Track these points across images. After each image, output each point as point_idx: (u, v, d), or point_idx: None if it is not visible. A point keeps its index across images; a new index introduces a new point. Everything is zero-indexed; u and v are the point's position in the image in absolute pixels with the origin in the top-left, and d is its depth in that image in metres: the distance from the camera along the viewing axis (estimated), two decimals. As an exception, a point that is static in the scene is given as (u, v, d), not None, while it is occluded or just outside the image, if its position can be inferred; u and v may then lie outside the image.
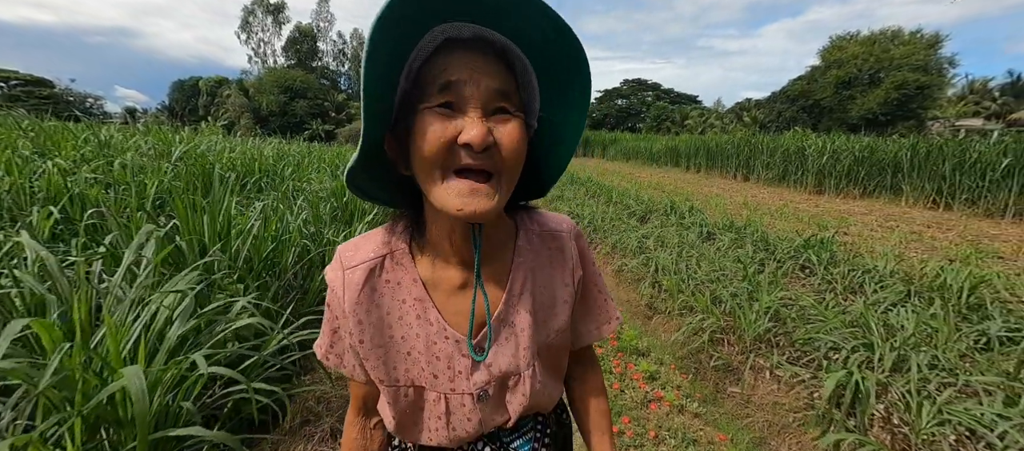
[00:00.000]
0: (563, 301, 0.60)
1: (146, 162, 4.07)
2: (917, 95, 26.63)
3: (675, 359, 2.44)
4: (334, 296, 0.54)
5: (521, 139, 0.44)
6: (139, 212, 2.36)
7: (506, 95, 0.44)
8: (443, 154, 0.42)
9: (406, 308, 0.54)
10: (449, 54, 0.43)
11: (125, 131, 6.12)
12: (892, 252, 4.33)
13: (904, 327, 2.39)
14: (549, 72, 0.48)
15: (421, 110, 0.43)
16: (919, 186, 8.51)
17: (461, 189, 0.42)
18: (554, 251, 0.60)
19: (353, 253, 0.55)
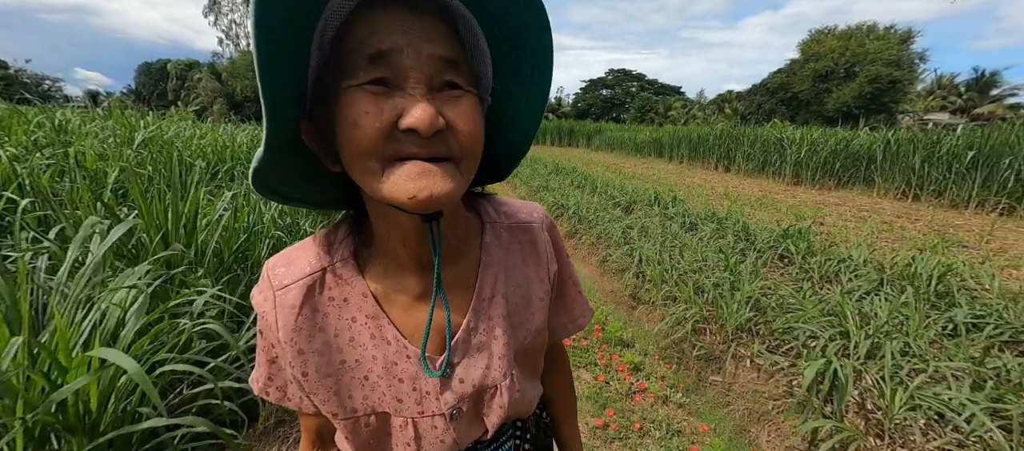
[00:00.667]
0: (539, 299, 0.53)
1: (107, 149, 3.83)
2: (889, 89, 27.59)
3: (659, 349, 2.45)
4: (265, 323, 0.45)
5: (478, 118, 0.37)
6: (98, 203, 2.21)
7: (454, 64, 0.35)
8: (380, 143, 0.33)
9: (357, 327, 0.45)
10: (374, 13, 0.33)
11: (84, 115, 5.75)
12: (865, 242, 4.47)
13: (877, 315, 2.46)
14: (503, 36, 0.39)
15: (345, 89, 0.33)
16: (890, 178, 8.83)
17: (410, 171, 0.33)
18: (526, 245, 0.53)
19: (285, 269, 0.45)
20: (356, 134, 0.33)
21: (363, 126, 0.32)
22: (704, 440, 1.79)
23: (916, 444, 1.68)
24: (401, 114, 0.32)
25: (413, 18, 0.34)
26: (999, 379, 1.87)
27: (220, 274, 1.99)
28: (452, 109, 0.35)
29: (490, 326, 0.49)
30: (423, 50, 0.33)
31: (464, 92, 0.36)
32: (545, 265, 0.54)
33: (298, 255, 0.46)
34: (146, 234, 1.71)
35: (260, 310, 0.46)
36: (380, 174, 0.34)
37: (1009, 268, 3.98)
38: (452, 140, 0.35)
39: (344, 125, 0.33)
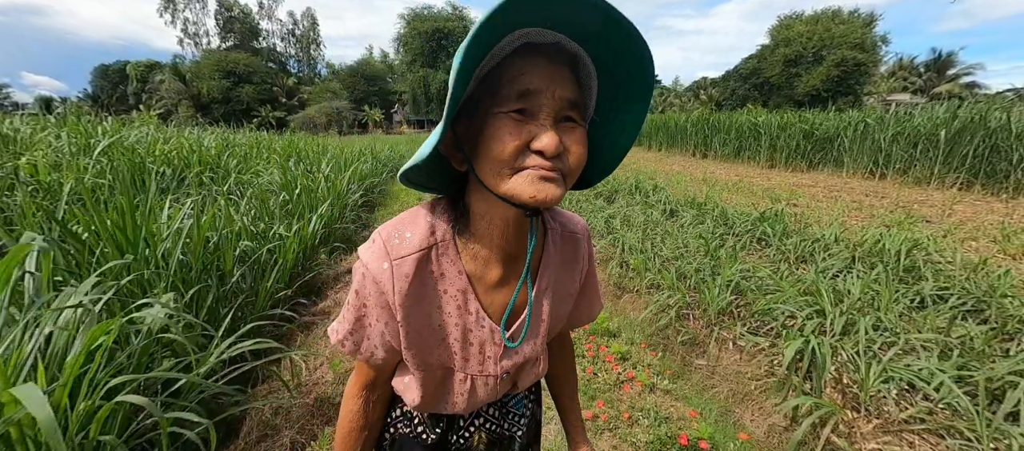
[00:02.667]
0: (570, 295, 0.66)
1: (61, 159, 3.60)
2: (855, 72, 28.57)
3: (645, 337, 2.48)
4: (375, 286, 0.53)
5: (585, 146, 0.47)
6: (50, 219, 2.06)
7: (575, 105, 0.46)
8: (514, 157, 0.44)
9: (447, 299, 0.55)
10: (528, 61, 0.44)
11: (36, 124, 5.39)
12: (837, 221, 4.63)
13: (850, 292, 2.54)
14: (613, 75, 0.49)
15: (495, 113, 0.44)
16: (858, 158, 9.16)
17: (533, 176, 0.43)
18: (570, 251, 0.64)
19: (400, 242, 0.54)
20: (499, 148, 0.44)
21: (506, 143, 0.43)
22: (691, 425, 1.81)
23: (890, 414, 1.74)
24: (533, 138, 0.43)
25: (552, 66, 0.45)
26: (964, 347, 1.95)
27: (189, 285, 1.89)
28: (568, 138, 0.46)
29: (541, 312, 0.61)
30: (556, 93, 0.44)
31: (577, 125, 0.47)
32: (580, 269, 0.66)
33: (409, 229, 0.55)
34: (97, 248, 1.60)
35: (374, 276, 0.53)
36: (508, 178, 0.44)
37: (969, 240, 4.19)
38: (565, 160, 0.45)
39: (490, 140, 0.44)
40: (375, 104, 48.74)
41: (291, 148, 7.53)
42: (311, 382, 1.94)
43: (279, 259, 2.58)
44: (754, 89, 32.98)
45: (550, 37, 0.45)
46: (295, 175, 4.56)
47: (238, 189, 4.07)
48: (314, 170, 5.66)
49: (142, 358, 1.26)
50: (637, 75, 0.47)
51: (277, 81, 47.73)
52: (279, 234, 2.82)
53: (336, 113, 42.41)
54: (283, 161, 5.56)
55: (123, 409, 1.12)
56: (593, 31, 0.44)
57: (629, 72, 0.47)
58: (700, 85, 42.52)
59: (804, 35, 30.37)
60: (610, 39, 0.44)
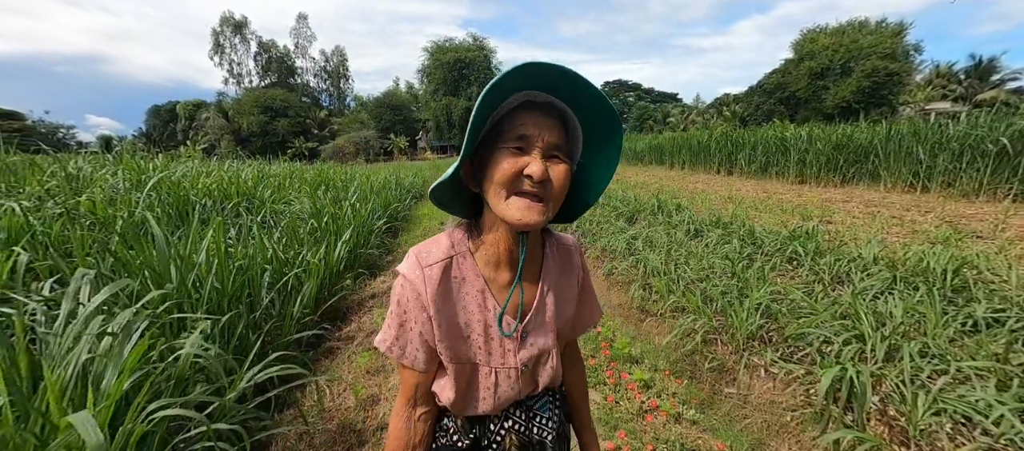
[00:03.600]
0: (570, 299, 0.78)
1: (116, 195, 3.92)
2: (887, 82, 27.47)
3: (669, 363, 2.39)
4: (413, 290, 0.67)
5: (567, 177, 0.62)
6: (105, 252, 2.24)
7: (559, 147, 0.62)
8: (512, 180, 0.59)
9: (469, 299, 0.68)
10: (525, 113, 0.60)
11: (96, 162, 5.91)
12: (875, 238, 4.38)
13: (892, 315, 2.39)
14: (592, 132, 0.66)
15: (499, 148, 0.60)
16: (896, 170, 8.71)
17: (520, 204, 0.59)
18: (566, 260, 0.79)
19: (427, 254, 0.68)
20: (499, 173, 0.59)
21: (504, 168, 0.59)
22: (721, 458, 1.72)
23: (944, 450, 1.60)
24: (525, 166, 0.59)
25: (544, 118, 0.61)
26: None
27: (223, 311, 1.99)
28: (553, 169, 0.60)
29: (547, 310, 0.73)
30: (545, 138, 0.60)
31: (562, 161, 0.62)
32: (576, 276, 0.80)
33: (435, 246, 0.69)
34: (141, 280, 1.72)
35: (411, 281, 0.67)
36: (505, 199, 0.60)
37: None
38: (549, 188, 0.60)
39: (494, 167, 0.60)
40: (400, 132, 50.59)
41: (320, 177, 7.89)
42: (334, 408, 1.98)
43: (306, 284, 2.69)
44: (780, 103, 32.19)
45: (544, 97, 0.62)
46: (323, 204, 4.76)
47: (271, 217, 4.29)
48: (341, 199, 5.90)
49: (178, 383, 1.33)
50: (606, 128, 0.64)
51: (310, 114, 50.48)
52: (307, 260, 2.94)
53: (363, 142, 44.28)
54: (313, 190, 5.82)
55: (160, 430, 1.18)
56: (571, 95, 0.61)
57: (601, 125, 0.64)
58: (723, 101, 41.92)
59: (829, 48, 29.64)
60: (583, 101, 0.61)
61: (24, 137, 28.48)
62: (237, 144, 43.24)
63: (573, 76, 0.57)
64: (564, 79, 0.57)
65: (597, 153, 0.68)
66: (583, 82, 0.57)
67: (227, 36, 55.65)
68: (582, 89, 0.59)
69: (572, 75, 0.56)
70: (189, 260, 1.92)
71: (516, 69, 0.54)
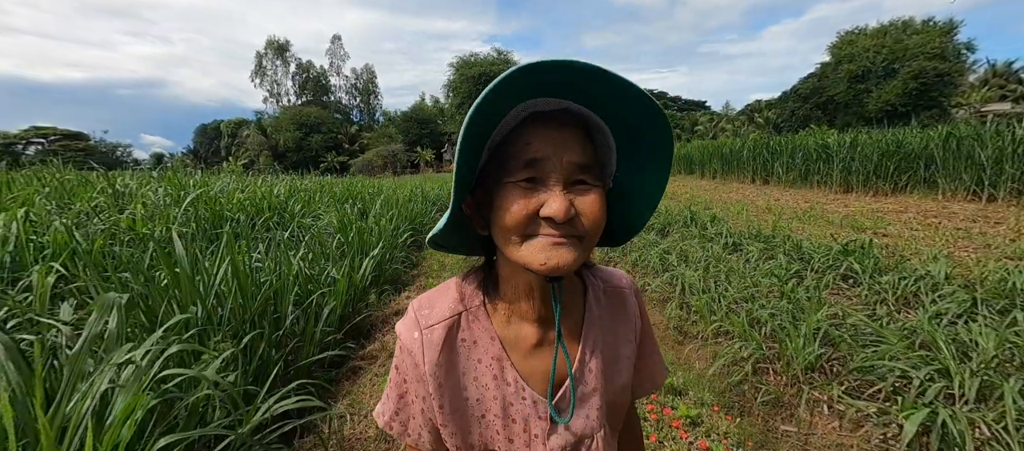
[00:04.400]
0: (626, 358, 0.59)
1: (156, 211, 4.07)
2: (937, 83, 25.75)
3: (716, 395, 2.16)
4: (410, 358, 0.53)
5: (602, 208, 0.45)
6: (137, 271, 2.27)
7: (586, 168, 0.45)
8: (523, 225, 0.43)
9: (482, 368, 0.53)
10: (533, 129, 0.45)
11: (141, 179, 6.24)
12: (941, 253, 3.96)
13: (979, 345, 2.08)
14: (629, 137, 0.49)
15: (504, 183, 0.44)
16: (956, 177, 8.00)
17: (543, 243, 0.43)
18: (618, 307, 0.60)
19: (429, 311, 0.54)
20: (509, 217, 0.43)
21: (514, 212, 0.43)
22: (785, 512, 1.49)
23: (1071, 519, 1.32)
24: (542, 204, 0.43)
25: (560, 132, 0.45)
26: None
27: (245, 331, 1.96)
28: (581, 200, 0.44)
29: (590, 379, 0.55)
30: (563, 158, 0.44)
31: (591, 186, 0.45)
32: (633, 325, 0.60)
33: (440, 298, 0.55)
34: (167, 303, 1.71)
35: (407, 348, 0.53)
36: (520, 245, 0.44)
37: None
38: (579, 223, 0.44)
39: (500, 210, 0.44)
40: (426, 145, 51.73)
41: (348, 191, 8.04)
42: (354, 437, 1.88)
43: (331, 302, 2.64)
44: (816, 108, 30.76)
45: (556, 104, 0.46)
46: (351, 219, 4.79)
47: (299, 231, 4.34)
48: (368, 212, 5.95)
49: (194, 413, 1.27)
50: (647, 128, 0.46)
51: (341, 130, 52.53)
52: (332, 277, 2.91)
53: (391, 155, 45.53)
54: (340, 204, 5.91)
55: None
56: (593, 95, 0.45)
57: (639, 125, 0.47)
58: (754, 108, 40.50)
59: (871, 49, 28.17)
60: (609, 100, 0.45)
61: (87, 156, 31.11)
62: (274, 159, 45.45)
63: (592, 70, 0.40)
64: (581, 77, 0.41)
65: (641, 161, 0.51)
66: (607, 75, 0.41)
67: (270, 58, 59.16)
68: (607, 84, 0.42)
69: (591, 69, 0.40)
70: (215, 280, 1.90)
71: (512, 75, 0.38)
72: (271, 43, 59.10)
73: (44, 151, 38.81)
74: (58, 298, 2.27)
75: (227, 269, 2.00)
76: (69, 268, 2.51)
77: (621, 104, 0.45)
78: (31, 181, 5.11)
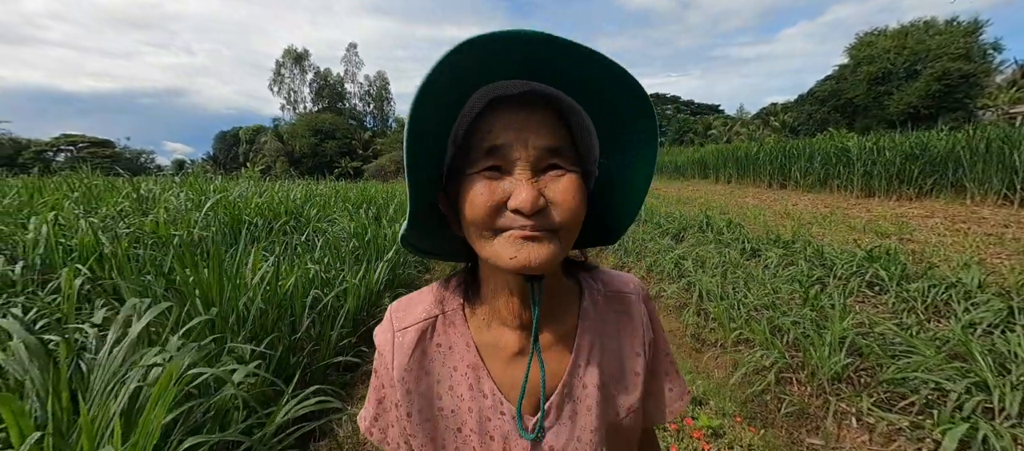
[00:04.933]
0: (634, 373, 0.52)
1: (177, 215, 4.18)
2: (962, 84, 24.98)
3: (738, 405, 2.10)
4: (382, 361, 0.50)
5: (577, 195, 0.40)
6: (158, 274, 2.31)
7: (557, 151, 0.40)
8: (491, 218, 0.39)
9: (457, 377, 0.48)
10: (495, 115, 0.41)
11: (165, 184, 6.43)
12: (973, 260, 3.80)
13: (1018, 356, 1.98)
14: (608, 117, 0.43)
15: (467, 175, 0.41)
16: (985, 181, 7.70)
17: (513, 237, 0.39)
18: (621, 315, 0.54)
19: (404, 313, 0.51)
20: (472, 210, 0.40)
21: (477, 204, 0.39)
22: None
23: None
24: (509, 195, 0.39)
25: (524, 115, 0.40)
26: None
27: (265, 332, 1.98)
28: (553, 188, 0.39)
29: (584, 394, 0.49)
30: (529, 142, 0.39)
31: (565, 172, 0.40)
32: (641, 337, 0.53)
33: (417, 301, 0.52)
34: (190, 305, 1.74)
35: (380, 349, 0.50)
36: (491, 240, 0.40)
37: None
38: (553, 214, 0.39)
39: (464, 203, 0.41)
40: (438, 151, 52.28)
41: (363, 196, 8.14)
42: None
43: (346, 306, 2.66)
44: (834, 111, 30.11)
45: (521, 86, 0.41)
46: (366, 222, 4.84)
47: (315, 236, 4.40)
48: (382, 216, 6.01)
49: (217, 416, 1.28)
50: (626, 108, 0.41)
51: (356, 136, 53.43)
52: (347, 281, 2.93)
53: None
54: (355, 209, 5.98)
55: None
56: (565, 74, 0.39)
57: (618, 107, 0.41)
58: (770, 111, 39.83)
59: (891, 51, 27.51)
60: (583, 79, 0.39)
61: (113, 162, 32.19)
62: (290, 165, 46.43)
63: (559, 43, 0.34)
64: (546, 50, 0.35)
65: (625, 145, 0.44)
66: (577, 49, 0.35)
67: (288, 66, 60.72)
68: (579, 60, 0.36)
69: (558, 42, 0.34)
70: (239, 284, 1.93)
71: (459, 51, 0.33)
72: (289, 52, 60.69)
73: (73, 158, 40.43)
74: (85, 299, 2.34)
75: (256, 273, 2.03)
76: (95, 270, 2.58)
77: (596, 81, 0.39)
78: (61, 186, 5.30)
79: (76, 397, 1.05)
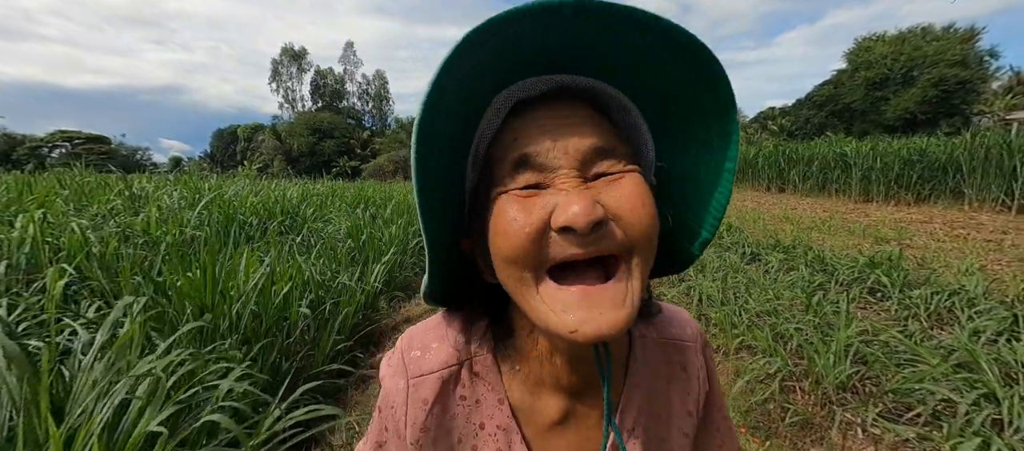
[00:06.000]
0: (682, 435, 0.44)
1: (169, 214, 4.11)
2: (958, 90, 25.19)
3: (741, 414, 2.06)
4: (391, 412, 0.42)
5: (647, 197, 0.31)
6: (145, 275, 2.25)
7: (608, 151, 0.31)
8: (531, 250, 0.29)
9: (483, 436, 0.41)
10: (520, 121, 0.33)
11: (159, 182, 6.34)
12: (974, 267, 3.78)
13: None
14: (662, 108, 0.34)
15: (495, 198, 0.32)
16: (984, 187, 7.72)
17: (568, 300, 0.29)
18: (675, 367, 0.45)
19: (421, 355, 0.42)
20: (505, 243, 0.30)
21: (511, 234, 0.30)
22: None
23: None
24: (552, 212, 0.29)
25: (558, 115, 0.32)
26: None
27: (257, 338, 1.92)
28: (612, 194, 0.30)
29: None
30: (570, 145, 0.31)
31: (624, 172, 0.31)
32: (695, 395, 0.45)
33: (436, 339, 0.43)
34: (176, 308, 1.68)
35: (389, 397, 0.42)
36: (535, 287, 0.30)
37: None
38: (617, 230, 0.30)
39: (494, 235, 0.32)
40: (437, 151, 52.27)
41: (360, 196, 8.08)
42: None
43: (343, 309, 2.60)
44: (832, 116, 30.30)
45: (546, 83, 0.33)
46: (361, 223, 4.78)
47: (310, 236, 4.34)
48: (379, 218, 5.95)
49: (205, 424, 1.23)
50: (696, 86, 0.30)
51: (354, 135, 53.30)
52: (343, 284, 2.87)
53: (403, 161, 46.03)
54: (352, 209, 5.92)
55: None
56: (603, 56, 0.31)
57: (682, 86, 0.31)
58: (768, 115, 40.03)
59: (889, 56, 27.71)
60: (632, 56, 0.30)
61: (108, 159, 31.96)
62: (288, 163, 46.27)
63: (594, 8, 0.26)
64: (573, 26, 0.27)
65: (687, 142, 0.35)
66: (625, 12, 0.26)
67: (285, 65, 60.57)
68: (626, 28, 0.27)
69: (597, 7, 0.26)
70: (232, 287, 1.87)
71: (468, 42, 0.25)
72: (286, 50, 60.57)
73: (68, 154, 40.13)
74: (71, 300, 2.27)
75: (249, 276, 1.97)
76: (84, 270, 2.52)
77: (645, 59, 0.30)
78: (52, 183, 5.21)
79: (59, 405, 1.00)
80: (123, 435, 0.99)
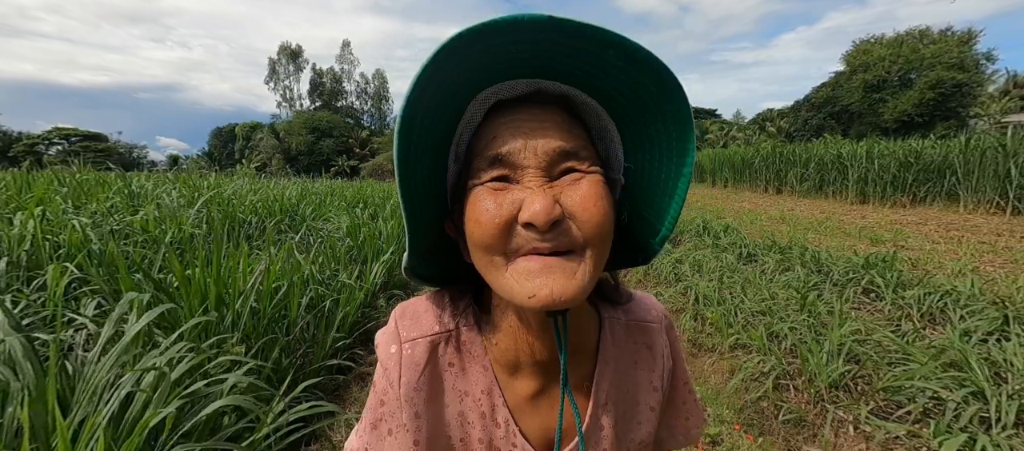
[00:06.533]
0: (649, 408, 0.48)
1: (168, 213, 4.11)
2: (955, 93, 25.34)
3: (735, 412, 2.09)
4: (386, 377, 0.44)
5: (601, 198, 0.34)
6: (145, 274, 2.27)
7: (572, 154, 0.35)
8: (502, 238, 0.33)
9: (468, 402, 0.44)
10: (498, 120, 0.36)
11: (157, 180, 6.34)
12: (968, 268, 3.83)
13: (1014, 365, 1.98)
14: (627, 113, 0.37)
15: (470, 189, 0.36)
16: (979, 189, 7.78)
17: (530, 268, 0.33)
18: (641, 347, 0.49)
19: (412, 322, 0.45)
20: (478, 230, 0.34)
21: (483, 223, 0.34)
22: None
23: None
24: (520, 207, 0.33)
25: (531, 116, 0.35)
26: None
27: (258, 335, 1.94)
28: (571, 195, 0.34)
29: (600, 437, 0.45)
30: (539, 147, 0.34)
31: (585, 174, 0.35)
32: (660, 372, 0.49)
33: (426, 309, 0.46)
34: (183, 305, 1.70)
35: (384, 362, 0.44)
36: (504, 268, 0.34)
37: None
38: (574, 229, 0.33)
39: (469, 223, 0.36)
40: (435, 150, 52.25)
41: (359, 195, 8.09)
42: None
43: (343, 307, 2.62)
44: (830, 118, 30.43)
45: (525, 86, 0.36)
46: (360, 222, 4.80)
47: (310, 235, 4.35)
48: (378, 216, 5.96)
49: (208, 420, 1.25)
50: (651, 91, 0.34)
51: (353, 134, 53.21)
52: (343, 282, 2.89)
53: (401, 160, 46.02)
54: (350, 208, 5.93)
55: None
56: (581, 65, 0.33)
57: (644, 97, 0.35)
58: (766, 117, 40.17)
59: (886, 59, 27.85)
60: (600, 69, 0.33)
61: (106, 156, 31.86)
62: (286, 162, 46.19)
63: (567, 28, 0.29)
64: (555, 36, 0.30)
65: (646, 144, 0.38)
66: (592, 32, 0.29)
67: (283, 63, 60.46)
68: (593, 47, 0.31)
69: (568, 25, 0.29)
70: (234, 285, 1.89)
71: (449, 48, 0.28)
72: (284, 49, 60.44)
73: (66, 152, 39.99)
74: (72, 298, 2.29)
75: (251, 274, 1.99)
76: (84, 267, 2.53)
77: (614, 71, 0.33)
78: (51, 181, 5.21)
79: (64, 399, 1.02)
80: (127, 427, 1.01)
